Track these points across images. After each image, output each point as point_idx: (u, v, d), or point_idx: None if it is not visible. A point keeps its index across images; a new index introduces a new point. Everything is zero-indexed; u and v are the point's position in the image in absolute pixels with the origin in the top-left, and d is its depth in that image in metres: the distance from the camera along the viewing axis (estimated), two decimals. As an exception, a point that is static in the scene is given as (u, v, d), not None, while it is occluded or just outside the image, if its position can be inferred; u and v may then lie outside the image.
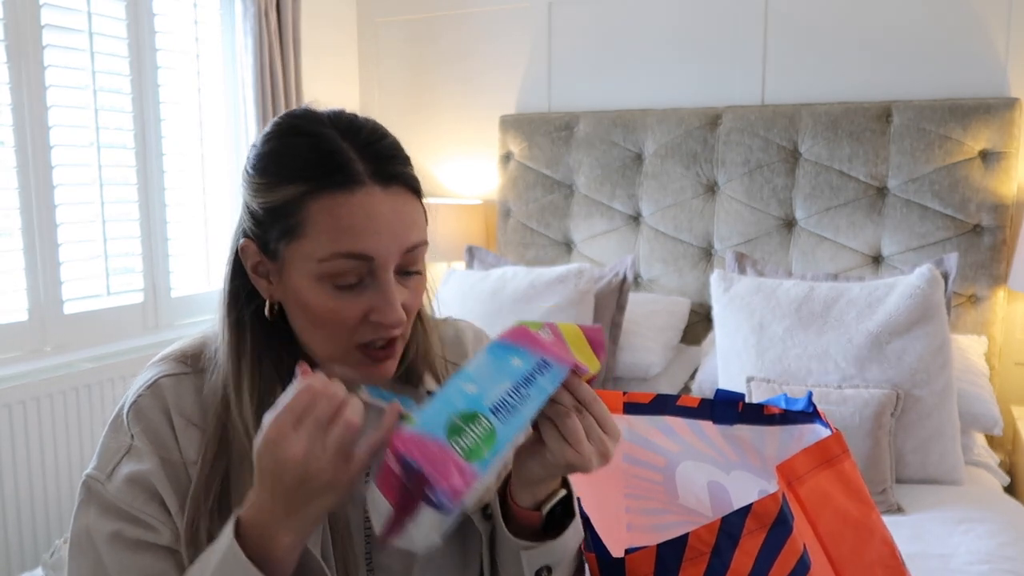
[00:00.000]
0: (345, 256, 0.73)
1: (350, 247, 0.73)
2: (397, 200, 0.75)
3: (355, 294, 0.75)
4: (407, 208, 0.76)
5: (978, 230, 2.38)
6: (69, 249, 2.31)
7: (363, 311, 0.75)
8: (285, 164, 0.76)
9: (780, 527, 0.72)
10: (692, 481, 0.95)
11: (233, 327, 0.81)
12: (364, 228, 0.73)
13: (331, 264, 0.74)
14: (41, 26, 2.20)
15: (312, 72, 3.08)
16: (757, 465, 0.91)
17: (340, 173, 0.73)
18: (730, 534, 0.72)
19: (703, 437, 0.94)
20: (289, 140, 0.77)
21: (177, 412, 0.79)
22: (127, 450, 0.77)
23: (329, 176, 0.73)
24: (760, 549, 0.72)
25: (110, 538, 0.74)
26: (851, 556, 0.79)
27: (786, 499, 0.73)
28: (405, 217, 0.76)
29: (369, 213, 0.73)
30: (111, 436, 0.80)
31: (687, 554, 0.72)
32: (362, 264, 0.74)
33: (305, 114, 0.78)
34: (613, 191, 2.86)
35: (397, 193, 0.75)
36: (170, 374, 0.81)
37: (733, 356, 2.17)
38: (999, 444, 2.39)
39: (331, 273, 0.74)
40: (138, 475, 0.76)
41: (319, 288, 0.75)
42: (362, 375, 0.79)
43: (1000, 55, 2.40)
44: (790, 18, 2.66)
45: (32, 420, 2.16)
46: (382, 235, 0.74)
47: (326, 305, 0.75)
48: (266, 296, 0.80)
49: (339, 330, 0.76)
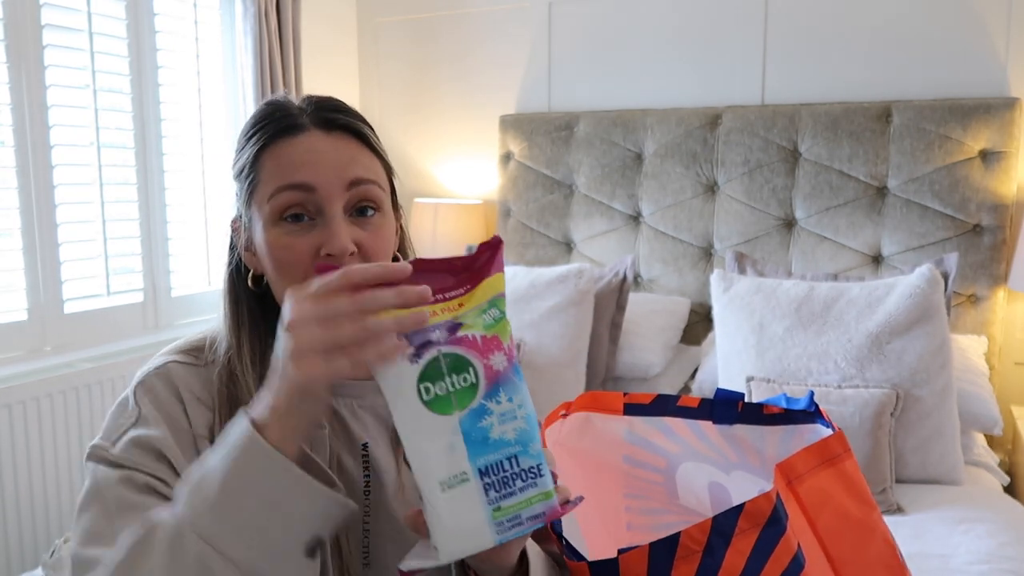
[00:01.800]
0: (288, 188, 0.78)
1: (291, 178, 0.78)
2: (339, 142, 0.81)
3: (305, 231, 0.79)
4: (350, 148, 0.81)
5: (978, 230, 2.38)
6: (69, 249, 2.31)
7: (314, 246, 0.78)
8: (247, 132, 0.83)
9: (773, 526, 0.72)
10: (692, 482, 0.95)
11: (232, 304, 0.86)
12: (304, 161, 0.79)
13: (277, 199, 0.79)
14: (41, 26, 2.20)
15: (312, 72, 3.08)
16: (757, 465, 0.91)
17: (285, 123, 0.81)
18: (722, 533, 0.72)
19: (703, 438, 0.94)
20: (255, 113, 0.85)
21: (186, 389, 0.81)
22: (135, 419, 0.78)
23: (276, 128, 0.80)
24: (753, 548, 0.72)
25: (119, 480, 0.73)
26: (852, 555, 0.79)
27: (780, 498, 0.73)
28: (344, 153, 0.80)
29: (309, 149, 0.79)
30: (117, 412, 0.80)
31: (679, 552, 0.72)
32: (306, 196, 0.78)
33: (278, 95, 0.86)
34: (613, 191, 2.86)
35: (339, 136, 0.81)
36: (179, 362, 0.83)
37: (733, 356, 2.17)
38: (999, 444, 2.39)
39: (279, 209, 0.78)
40: (145, 438, 0.76)
41: (274, 231, 0.79)
42: None
43: (1000, 55, 2.41)
44: (790, 18, 2.66)
45: (32, 420, 2.16)
46: (321, 166, 0.79)
47: (280, 243, 0.79)
48: (251, 267, 0.85)
49: (295, 271, 0.78)
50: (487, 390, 0.63)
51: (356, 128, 0.82)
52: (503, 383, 0.64)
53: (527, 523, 0.64)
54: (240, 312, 0.86)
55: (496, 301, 0.66)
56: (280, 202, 0.78)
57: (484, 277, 0.67)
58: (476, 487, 0.62)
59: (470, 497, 0.62)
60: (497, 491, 0.63)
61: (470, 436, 0.62)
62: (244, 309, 0.86)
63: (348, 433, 0.85)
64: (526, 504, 0.63)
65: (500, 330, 0.65)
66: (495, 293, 0.67)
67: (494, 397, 0.63)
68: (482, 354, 0.64)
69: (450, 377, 0.63)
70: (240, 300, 0.86)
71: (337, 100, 0.84)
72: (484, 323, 0.65)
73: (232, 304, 0.86)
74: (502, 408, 0.63)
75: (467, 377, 0.63)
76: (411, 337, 0.63)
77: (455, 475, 0.62)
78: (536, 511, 0.64)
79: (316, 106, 0.82)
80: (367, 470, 0.84)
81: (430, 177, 3.30)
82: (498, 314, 0.66)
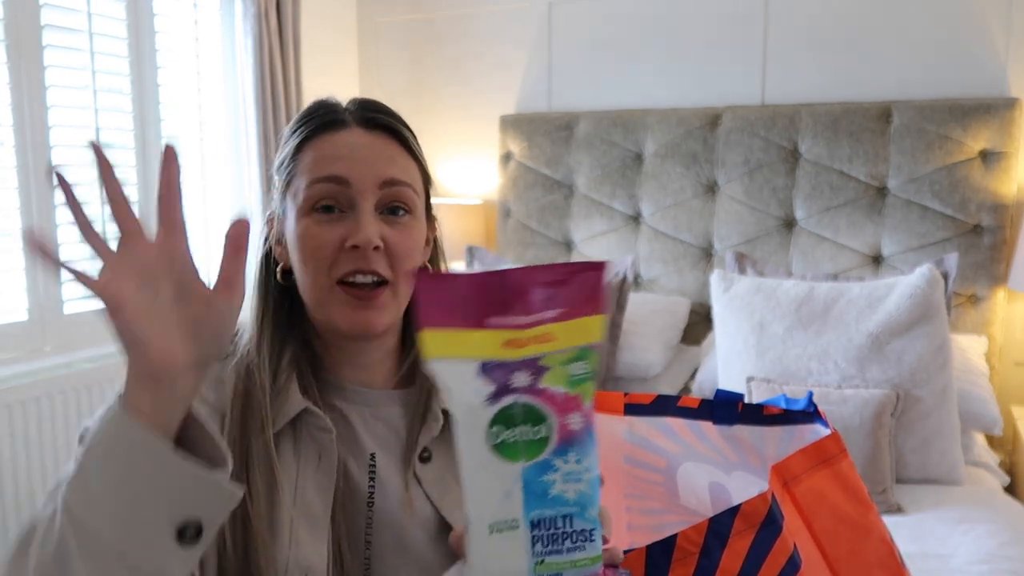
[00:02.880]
0: (323, 180, 0.80)
1: (328, 171, 0.80)
2: (378, 140, 0.83)
3: (333, 222, 0.80)
4: (388, 148, 0.83)
5: (978, 230, 2.38)
6: (69, 249, 2.31)
7: (340, 237, 0.80)
8: (292, 128, 0.86)
9: (769, 527, 0.72)
10: (693, 482, 0.95)
11: (260, 293, 0.88)
12: (341, 155, 0.81)
13: (311, 190, 0.80)
14: (41, 26, 2.20)
15: (312, 72, 3.08)
16: (757, 465, 0.91)
17: (328, 118, 0.83)
18: (718, 534, 0.72)
19: (703, 438, 0.94)
20: (301, 111, 0.87)
21: None
22: None
23: (319, 122, 0.83)
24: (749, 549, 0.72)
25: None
26: (848, 556, 0.79)
27: (776, 499, 0.73)
28: (382, 153, 0.82)
29: (348, 144, 0.82)
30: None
31: (676, 554, 0.72)
32: (339, 188, 0.80)
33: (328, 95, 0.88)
34: (613, 191, 2.86)
35: (380, 136, 0.83)
36: None
37: (733, 356, 2.17)
38: (999, 444, 2.39)
39: (312, 199, 0.80)
40: None
41: (304, 221, 0.81)
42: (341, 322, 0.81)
43: (1000, 55, 2.41)
44: (790, 18, 2.66)
45: (32, 420, 2.16)
46: (357, 162, 0.80)
47: (308, 233, 0.80)
48: (279, 260, 0.87)
49: (321, 261, 0.80)
50: (557, 447, 0.61)
51: (397, 130, 0.84)
52: (575, 444, 0.61)
53: None
54: (266, 304, 0.87)
55: (587, 353, 0.62)
56: (314, 193, 0.80)
57: (584, 312, 0.62)
58: (524, 537, 0.61)
59: (516, 544, 0.61)
60: (544, 545, 0.61)
61: (530, 487, 0.61)
62: (269, 301, 0.87)
63: (357, 442, 0.84)
64: (570, 565, 0.62)
65: (584, 390, 0.62)
66: (589, 340, 0.62)
67: (563, 455, 0.61)
68: (560, 412, 0.61)
69: (523, 426, 0.61)
70: (267, 292, 0.88)
71: (382, 103, 0.86)
72: (569, 378, 0.62)
73: (260, 298, 0.87)
74: (568, 468, 0.61)
75: (540, 431, 0.61)
76: (492, 373, 0.61)
77: (506, 520, 0.61)
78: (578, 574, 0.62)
79: (361, 105, 0.84)
80: (372, 481, 0.83)
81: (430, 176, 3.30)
82: (586, 370, 0.62)
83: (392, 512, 0.83)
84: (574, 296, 0.62)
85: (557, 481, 0.61)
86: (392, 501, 0.83)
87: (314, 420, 0.81)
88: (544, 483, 0.61)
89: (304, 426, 0.81)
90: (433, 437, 0.85)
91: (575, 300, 0.62)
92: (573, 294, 0.62)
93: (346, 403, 0.86)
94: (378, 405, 0.87)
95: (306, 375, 0.84)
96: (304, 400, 0.81)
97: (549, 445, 0.61)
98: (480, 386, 0.61)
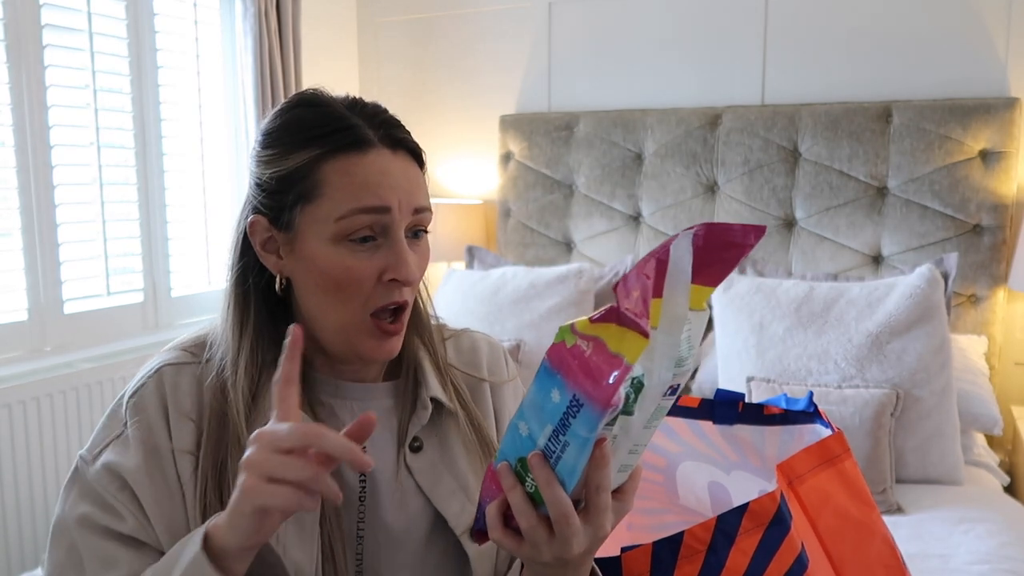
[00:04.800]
0: (364, 211, 0.77)
1: (369, 201, 0.77)
2: (405, 164, 0.80)
3: (369, 253, 0.78)
4: (413, 171, 0.81)
5: (978, 230, 2.38)
6: (69, 249, 2.31)
7: (378, 269, 0.78)
8: (296, 133, 0.79)
9: (777, 526, 0.72)
10: (693, 481, 0.95)
11: (239, 302, 0.83)
12: (379, 183, 0.77)
13: (349, 221, 0.77)
14: (41, 26, 2.20)
15: (312, 72, 3.08)
16: (757, 465, 0.91)
17: (352, 136, 0.78)
18: (726, 532, 0.72)
19: (703, 437, 0.94)
20: (299, 112, 0.80)
21: (174, 406, 0.81)
22: (116, 437, 0.80)
23: (342, 139, 0.77)
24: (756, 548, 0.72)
25: (79, 520, 0.77)
26: (852, 555, 0.79)
27: (784, 498, 0.73)
28: (414, 179, 0.81)
29: (383, 170, 0.78)
30: (108, 420, 0.83)
31: (683, 552, 0.72)
32: (378, 219, 0.77)
33: (313, 92, 0.83)
34: (613, 191, 2.86)
35: (404, 157, 0.81)
36: (173, 363, 0.83)
37: (733, 356, 2.17)
38: (999, 444, 2.39)
39: (349, 230, 0.77)
40: (115, 466, 0.78)
41: (336, 250, 0.77)
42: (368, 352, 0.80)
43: (1000, 55, 2.41)
44: (790, 18, 2.66)
45: (32, 420, 2.16)
46: (396, 189, 0.78)
47: (343, 264, 0.77)
48: (275, 271, 0.83)
49: (354, 293, 0.78)
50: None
51: (417, 152, 0.83)
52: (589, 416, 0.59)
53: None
54: (246, 317, 0.83)
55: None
56: (353, 224, 0.77)
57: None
58: None
59: None
60: None
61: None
62: (251, 314, 0.83)
63: None
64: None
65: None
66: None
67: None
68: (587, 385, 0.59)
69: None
70: (248, 305, 0.83)
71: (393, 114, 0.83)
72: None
73: (239, 308, 0.83)
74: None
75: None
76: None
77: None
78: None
79: (380, 122, 0.80)
80: (363, 477, 0.83)
81: (430, 177, 3.28)
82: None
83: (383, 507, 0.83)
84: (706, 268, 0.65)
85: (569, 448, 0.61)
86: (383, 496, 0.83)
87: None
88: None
89: None
90: (423, 425, 0.85)
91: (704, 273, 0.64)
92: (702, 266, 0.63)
93: (336, 399, 0.85)
94: (369, 398, 0.86)
95: None
96: None
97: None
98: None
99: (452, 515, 0.83)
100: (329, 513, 0.79)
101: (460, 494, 0.84)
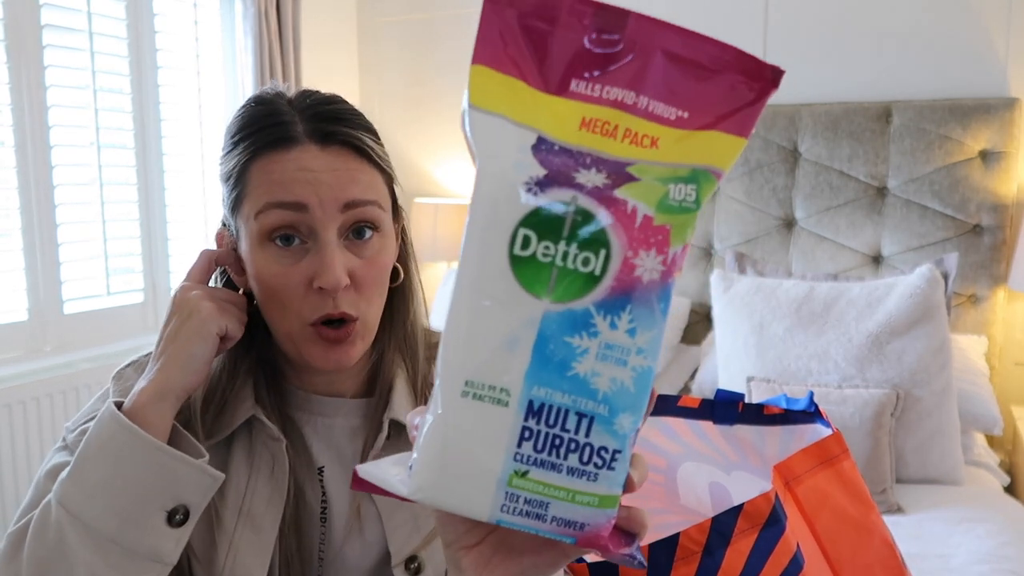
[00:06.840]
0: (278, 206, 0.72)
1: (282, 196, 0.72)
2: (336, 158, 0.73)
3: (297, 258, 0.73)
4: (348, 165, 0.74)
5: (978, 230, 2.38)
6: (69, 249, 2.31)
7: (307, 277, 0.72)
8: (235, 134, 0.76)
9: (772, 527, 0.72)
10: (693, 482, 0.95)
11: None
12: (295, 179, 0.72)
13: (266, 216, 0.72)
14: (41, 26, 2.20)
15: (312, 72, 3.08)
16: (758, 465, 0.91)
17: (277, 133, 0.73)
18: (721, 533, 0.72)
19: (703, 438, 0.94)
20: (244, 112, 0.77)
21: None
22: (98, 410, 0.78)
23: (267, 137, 0.73)
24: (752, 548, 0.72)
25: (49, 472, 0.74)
26: (850, 556, 0.79)
27: (779, 499, 0.73)
28: (343, 173, 0.73)
29: (302, 166, 0.72)
30: (96, 400, 0.82)
31: (678, 553, 0.72)
32: (297, 216, 0.72)
33: (268, 90, 0.78)
34: (613, 191, 2.86)
35: (336, 152, 0.73)
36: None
37: (733, 356, 2.17)
38: (999, 444, 2.39)
39: (267, 227, 0.72)
40: None
41: (264, 252, 0.73)
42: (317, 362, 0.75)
43: (1000, 55, 2.41)
44: (790, 18, 2.66)
45: (32, 420, 2.16)
46: (314, 185, 0.72)
47: (271, 270, 0.73)
48: (240, 287, 0.80)
49: (289, 302, 0.73)
50: (607, 297, 0.41)
51: (354, 142, 0.74)
52: (637, 301, 0.41)
53: (547, 525, 0.41)
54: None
55: (702, 175, 0.43)
56: (270, 221, 0.72)
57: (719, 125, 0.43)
58: (510, 421, 0.41)
59: (493, 427, 0.41)
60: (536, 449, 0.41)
61: (544, 345, 0.41)
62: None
63: (309, 454, 0.81)
64: (564, 495, 0.41)
65: (679, 223, 0.42)
66: (710, 163, 0.43)
67: (612, 313, 0.41)
68: (632, 242, 0.41)
69: (568, 244, 0.41)
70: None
71: (336, 104, 0.77)
72: (663, 199, 0.42)
73: None
74: (614, 337, 0.41)
75: (591, 260, 0.41)
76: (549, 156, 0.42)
77: (492, 385, 0.41)
78: (571, 517, 0.41)
79: (312, 114, 0.74)
80: (324, 495, 0.80)
81: (430, 177, 3.30)
82: (692, 198, 0.43)
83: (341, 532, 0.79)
84: (715, 98, 0.43)
85: (590, 351, 0.41)
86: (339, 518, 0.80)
87: (264, 428, 0.78)
88: (569, 348, 0.41)
89: (258, 434, 0.78)
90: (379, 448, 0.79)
91: (714, 104, 0.43)
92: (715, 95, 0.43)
93: (304, 413, 0.81)
94: (336, 415, 0.82)
95: (262, 384, 0.80)
96: (253, 407, 0.78)
97: (597, 288, 0.41)
98: (526, 165, 0.42)
99: (396, 546, 0.78)
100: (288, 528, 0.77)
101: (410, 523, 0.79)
